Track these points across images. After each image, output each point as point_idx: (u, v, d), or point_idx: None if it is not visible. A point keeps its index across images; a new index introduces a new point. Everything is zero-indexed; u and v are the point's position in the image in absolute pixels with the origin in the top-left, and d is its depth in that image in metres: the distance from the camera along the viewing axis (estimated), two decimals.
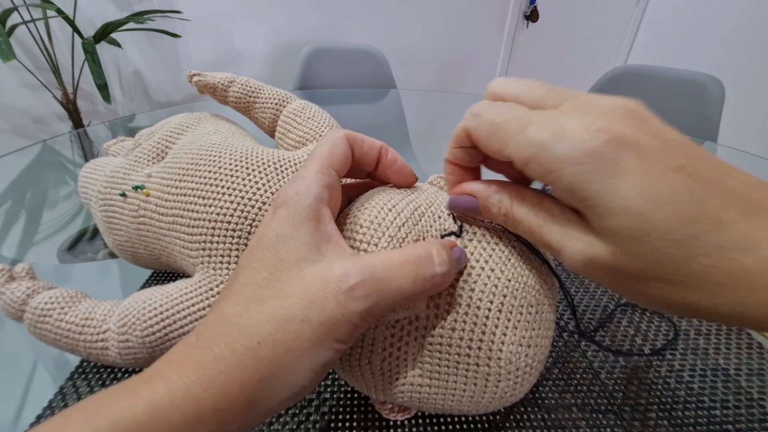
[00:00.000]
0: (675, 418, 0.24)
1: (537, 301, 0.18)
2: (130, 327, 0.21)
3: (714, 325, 0.32)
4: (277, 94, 0.33)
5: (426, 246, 0.16)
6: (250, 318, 0.14)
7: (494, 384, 0.17)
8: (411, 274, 0.15)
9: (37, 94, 1.34)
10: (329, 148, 0.17)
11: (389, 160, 0.20)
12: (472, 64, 2.00)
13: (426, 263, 0.15)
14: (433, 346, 0.18)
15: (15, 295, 0.22)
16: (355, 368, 0.18)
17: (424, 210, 0.19)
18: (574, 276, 0.37)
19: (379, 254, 0.15)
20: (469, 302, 0.17)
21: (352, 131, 0.19)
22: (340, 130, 0.19)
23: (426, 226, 0.18)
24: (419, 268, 0.15)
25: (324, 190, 0.16)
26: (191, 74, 0.33)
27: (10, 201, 0.54)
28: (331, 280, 0.14)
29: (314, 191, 0.16)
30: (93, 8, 1.35)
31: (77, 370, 0.26)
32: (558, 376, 0.27)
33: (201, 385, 0.13)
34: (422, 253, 0.15)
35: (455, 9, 1.81)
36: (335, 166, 0.17)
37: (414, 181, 0.21)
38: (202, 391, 0.13)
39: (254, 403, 0.13)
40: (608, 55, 2.16)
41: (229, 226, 0.23)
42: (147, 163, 0.29)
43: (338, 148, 0.18)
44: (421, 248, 0.15)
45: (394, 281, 0.14)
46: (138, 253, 0.28)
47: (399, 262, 0.15)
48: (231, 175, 0.24)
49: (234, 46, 1.59)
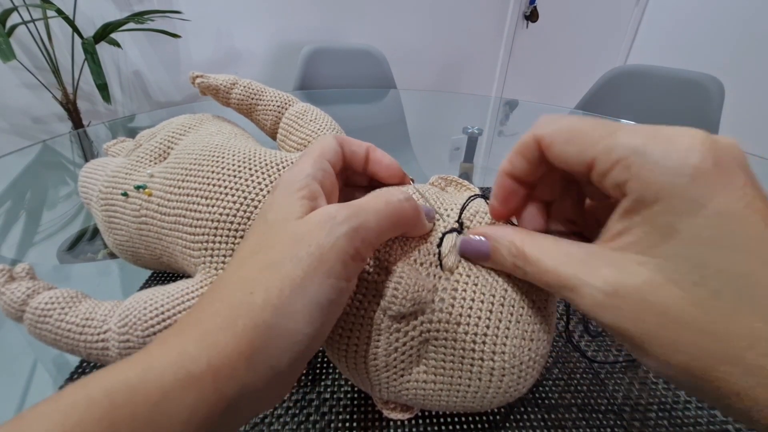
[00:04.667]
0: (675, 418, 0.24)
1: (538, 295, 0.18)
2: (131, 327, 0.21)
3: None
4: (280, 96, 0.33)
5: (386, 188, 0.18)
6: (242, 273, 0.14)
7: (499, 378, 0.18)
8: (381, 200, 0.16)
9: (37, 95, 1.34)
10: (320, 145, 0.19)
11: (377, 157, 0.20)
12: (472, 64, 2.00)
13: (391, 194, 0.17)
14: (438, 341, 0.18)
15: (15, 296, 0.22)
16: (360, 366, 0.19)
17: None
18: None
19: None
20: (473, 296, 0.17)
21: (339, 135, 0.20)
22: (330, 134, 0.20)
23: None
24: (387, 195, 0.17)
25: (317, 171, 0.17)
26: (194, 76, 0.33)
27: (10, 201, 0.54)
28: (313, 217, 0.15)
29: (306, 170, 0.17)
30: (93, 8, 1.35)
31: (77, 371, 0.26)
32: (558, 376, 0.27)
33: (195, 342, 0.13)
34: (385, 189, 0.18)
35: (455, 9, 1.81)
36: (327, 158, 0.18)
37: (402, 176, 0.21)
38: (195, 347, 0.12)
39: (253, 357, 0.13)
40: (608, 55, 2.17)
41: (232, 226, 0.23)
42: (149, 163, 0.29)
43: (329, 145, 0.19)
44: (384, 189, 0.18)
45: (368, 205, 0.16)
46: (138, 253, 0.28)
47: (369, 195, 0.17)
48: (234, 176, 0.24)
49: (234, 46, 1.59)
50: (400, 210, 0.17)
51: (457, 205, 0.20)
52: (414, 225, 0.18)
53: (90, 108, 1.48)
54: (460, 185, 0.24)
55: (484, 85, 2.14)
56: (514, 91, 2.15)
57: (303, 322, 0.14)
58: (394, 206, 0.16)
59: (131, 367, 0.12)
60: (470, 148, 0.77)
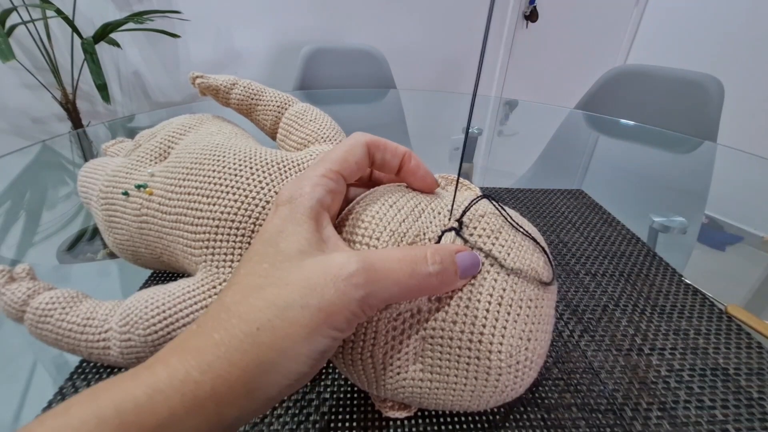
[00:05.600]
0: (675, 417, 0.24)
1: (536, 295, 0.18)
2: (132, 326, 0.21)
3: (714, 325, 0.32)
4: (279, 96, 0.33)
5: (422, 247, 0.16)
6: (249, 305, 0.14)
7: (495, 378, 0.18)
8: (408, 269, 0.15)
9: (36, 95, 1.34)
10: (344, 153, 0.18)
11: (412, 167, 0.20)
12: (472, 65, 2.00)
13: (421, 262, 0.16)
14: (434, 340, 0.18)
15: (15, 296, 0.22)
16: (357, 362, 0.19)
17: (424, 207, 0.20)
18: (573, 275, 0.37)
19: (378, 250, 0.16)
20: (470, 296, 0.17)
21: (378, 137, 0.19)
22: (364, 136, 0.19)
23: (426, 222, 0.19)
24: (416, 264, 0.15)
25: (327, 195, 0.16)
26: (194, 76, 0.33)
27: (9, 201, 0.54)
28: (331, 268, 0.14)
29: (318, 194, 0.16)
30: (92, 8, 1.35)
31: (77, 371, 0.26)
32: (558, 376, 0.27)
33: (200, 369, 0.13)
34: (418, 252, 0.16)
35: (455, 9, 1.81)
36: (345, 173, 0.17)
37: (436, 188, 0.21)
38: (200, 374, 0.13)
39: (253, 390, 0.13)
40: (608, 55, 2.17)
41: (233, 224, 0.23)
42: (149, 162, 0.29)
43: (353, 155, 0.18)
44: (418, 249, 0.16)
45: (392, 273, 0.15)
46: (139, 252, 0.28)
47: (397, 257, 0.15)
48: (235, 175, 0.24)
49: (234, 46, 1.59)
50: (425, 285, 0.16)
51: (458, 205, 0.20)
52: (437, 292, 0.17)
53: (89, 108, 1.48)
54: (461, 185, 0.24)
55: (484, 85, 2.14)
56: (514, 91, 2.16)
57: (303, 364, 0.14)
58: (418, 281, 0.15)
59: (137, 386, 0.12)
60: (470, 148, 0.77)
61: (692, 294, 0.35)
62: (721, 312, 0.33)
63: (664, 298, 0.35)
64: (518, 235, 0.19)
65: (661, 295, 0.35)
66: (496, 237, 0.19)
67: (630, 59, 2.14)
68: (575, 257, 0.40)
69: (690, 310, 0.33)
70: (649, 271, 0.38)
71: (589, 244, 0.42)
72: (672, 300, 0.34)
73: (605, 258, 0.40)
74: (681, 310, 0.33)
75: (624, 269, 0.38)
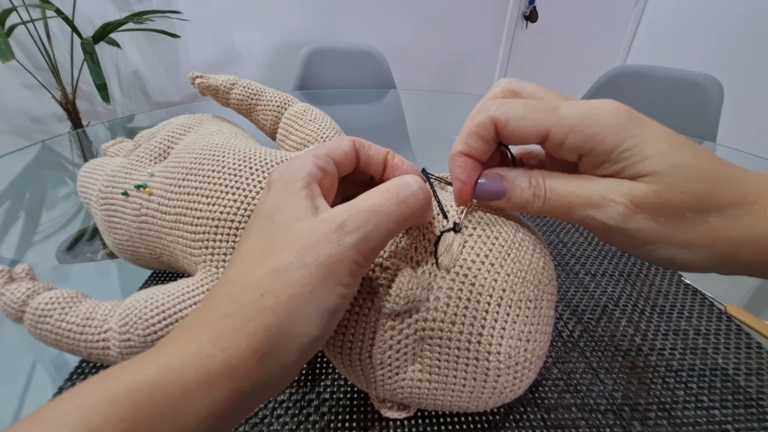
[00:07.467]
0: (675, 418, 0.24)
1: (535, 296, 0.18)
2: (132, 326, 0.21)
3: (713, 325, 0.32)
4: (279, 97, 0.33)
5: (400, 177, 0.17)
6: (251, 276, 0.14)
7: (494, 379, 0.18)
8: (392, 197, 0.16)
9: (36, 95, 1.34)
10: (332, 142, 0.18)
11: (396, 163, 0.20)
12: (472, 65, 2.00)
13: (403, 186, 0.16)
14: (433, 340, 0.18)
15: (15, 296, 0.22)
16: (355, 362, 0.19)
17: None
18: (573, 275, 0.37)
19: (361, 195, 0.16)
20: (469, 296, 0.17)
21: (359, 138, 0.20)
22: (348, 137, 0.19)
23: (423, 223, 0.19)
24: (399, 189, 0.16)
25: (317, 170, 0.17)
26: (194, 76, 0.33)
27: (9, 201, 0.54)
28: (321, 224, 0.15)
29: (308, 168, 0.16)
30: (92, 8, 1.34)
31: (76, 371, 0.26)
32: (558, 376, 0.27)
33: (210, 342, 0.13)
34: (398, 181, 0.17)
35: (455, 9, 1.81)
36: (333, 157, 0.18)
37: None
38: (211, 347, 0.13)
39: (264, 357, 0.13)
40: (607, 56, 2.17)
41: (232, 224, 0.23)
42: (149, 162, 0.29)
43: (341, 144, 0.18)
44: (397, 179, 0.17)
45: (379, 207, 0.15)
46: (138, 252, 0.28)
47: (380, 191, 0.16)
48: (234, 175, 0.24)
49: (233, 46, 1.59)
50: (412, 205, 0.16)
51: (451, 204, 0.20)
52: (423, 215, 0.17)
53: (89, 108, 1.48)
54: None
55: (484, 85, 2.14)
56: None
57: (311, 325, 0.14)
58: (407, 203, 0.16)
59: (149, 365, 0.12)
60: None
61: (692, 294, 0.35)
62: (721, 312, 0.33)
63: (664, 298, 0.35)
64: (518, 235, 0.19)
65: (660, 295, 0.35)
66: (495, 237, 0.19)
67: (629, 59, 2.14)
68: (575, 257, 0.40)
69: (689, 310, 0.33)
70: (648, 271, 0.38)
71: (589, 244, 0.42)
72: (671, 300, 0.34)
73: (605, 258, 0.40)
74: (680, 310, 0.33)
75: (624, 269, 0.38)
